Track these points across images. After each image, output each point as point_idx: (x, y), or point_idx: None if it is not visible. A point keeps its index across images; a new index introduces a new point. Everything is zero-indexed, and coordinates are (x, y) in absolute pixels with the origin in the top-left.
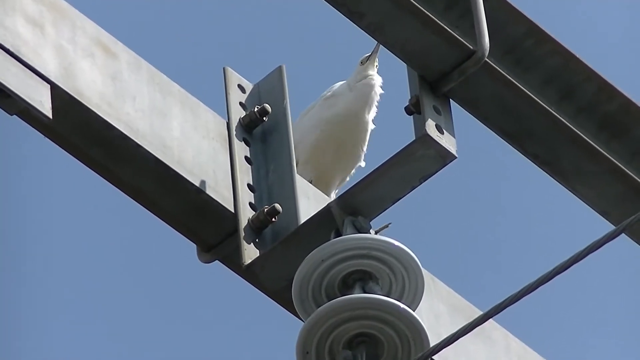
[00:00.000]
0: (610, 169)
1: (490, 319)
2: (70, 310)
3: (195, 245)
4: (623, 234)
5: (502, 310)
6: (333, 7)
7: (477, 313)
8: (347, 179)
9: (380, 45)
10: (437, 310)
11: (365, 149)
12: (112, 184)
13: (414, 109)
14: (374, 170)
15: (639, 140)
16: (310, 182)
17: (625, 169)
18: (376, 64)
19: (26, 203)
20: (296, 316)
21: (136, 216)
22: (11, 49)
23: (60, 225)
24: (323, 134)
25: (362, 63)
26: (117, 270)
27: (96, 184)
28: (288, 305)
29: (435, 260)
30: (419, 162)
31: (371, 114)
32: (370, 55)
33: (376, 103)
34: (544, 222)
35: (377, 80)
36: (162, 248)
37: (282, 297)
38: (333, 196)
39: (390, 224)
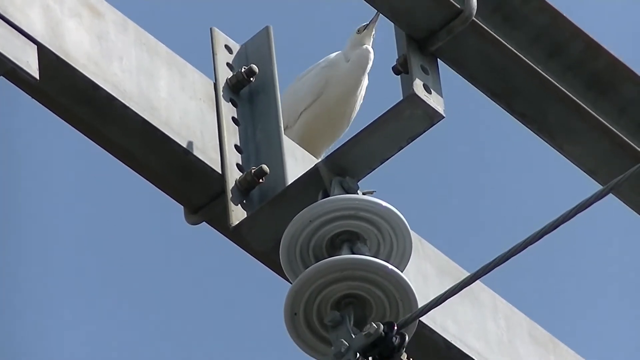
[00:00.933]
0: (598, 127)
1: (478, 280)
2: (54, 270)
3: (182, 206)
4: (611, 194)
5: (489, 271)
6: None
7: (465, 274)
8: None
9: (380, 15)
10: (424, 272)
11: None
12: (100, 145)
13: (401, 68)
14: (362, 130)
15: (626, 98)
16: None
17: (612, 128)
18: (373, 33)
19: (12, 166)
20: (284, 278)
21: (122, 177)
22: None
23: (45, 190)
24: (316, 106)
25: (358, 32)
26: (102, 231)
27: (83, 146)
28: (276, 267)
29: (423, 221)
30: (406, 121)
31: (364, 84)
32: (368, 25)
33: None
34: (532, 182)
35: (372, 52)
36: (150, 209)
37: (270, 258)
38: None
39: (374, 191)
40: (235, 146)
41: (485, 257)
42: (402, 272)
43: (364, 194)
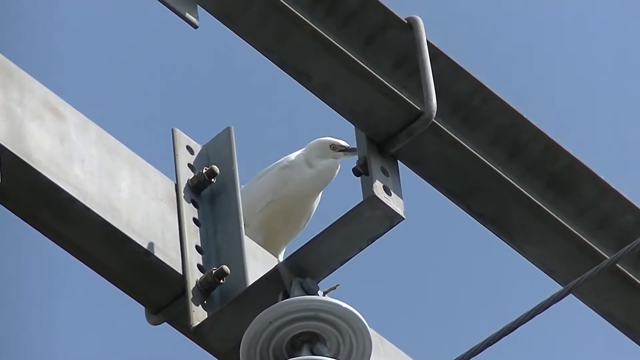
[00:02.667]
0: (557, 228)
1: None
2: None
3: (143, 307)
4: (570, 294)
5: None
6: (281, 68)
7: None
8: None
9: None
10: None
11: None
12: (61, 246)
13: (361, 170)
14: (322, 231)
15: (585, 198)
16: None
17: (572, 228)
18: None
19: None
20: None
21: (84, 276)
22: None
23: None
24: (274, 206)
25: (333, 148)
26: (65, 333)
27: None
28: None
29: (383, 320)
30: (366, 223)
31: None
32: (348, 150)
33: None
34: (491, 281)
35: (339, 167)
36: (111, 309)
37: (231, 358)
38: (281, 257)
39: (338, 285)
40: (196, 247)
41: (446, 356)
42: None
43: (325, 292)
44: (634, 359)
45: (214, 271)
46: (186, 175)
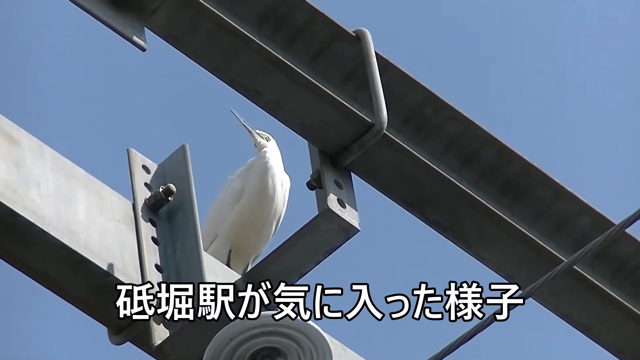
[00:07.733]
0: (513, 232)
1: None
2: None
3: (106, 327)
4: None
5: None
6: (231, 87)
7: None
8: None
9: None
10: None
11: (280, 218)
12: (20, 271)
13: (315, 184)
14: (279, 246)
15: (540, 202)
16: (229, 253)
17: (528, 233)
18: (259, 139)
19: None
20: None
21: (43, 298)
22: None
23: None
24: (234, 216)
25: (255, 145)
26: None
27: None
28: None
29: (346, 330)
30: (322, 236)
31: (277, 185)
32: (248, 131)
33: (279, 171)
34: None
35: (270, 150)
36: (73, 331)
37: None
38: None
39: None
40: (156, 265)
41: None
42: None
43: None
44: (594, 358)
45: None
46: (143, 194)
